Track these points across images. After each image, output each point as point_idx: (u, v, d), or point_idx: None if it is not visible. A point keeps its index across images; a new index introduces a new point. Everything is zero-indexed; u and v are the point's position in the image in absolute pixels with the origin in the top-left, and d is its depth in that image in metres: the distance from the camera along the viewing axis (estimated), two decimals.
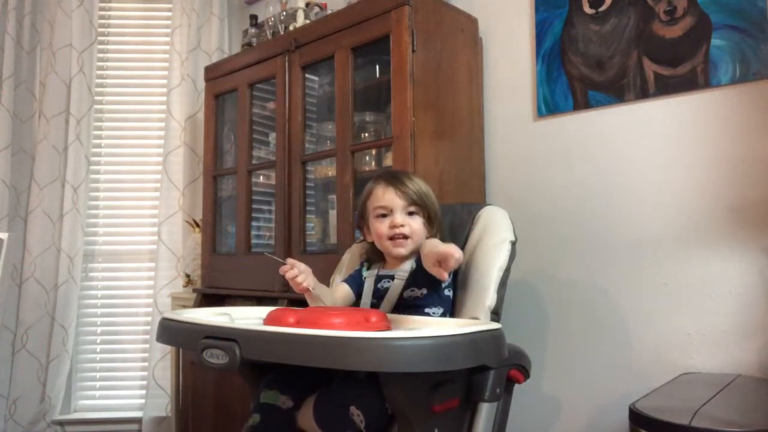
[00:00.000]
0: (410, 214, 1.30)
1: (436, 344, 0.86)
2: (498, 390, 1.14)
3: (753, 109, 1.46)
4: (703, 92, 1.54)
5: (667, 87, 1.59)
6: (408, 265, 1.32)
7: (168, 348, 2.57)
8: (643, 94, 1.63)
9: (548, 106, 1.82)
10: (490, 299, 1.26)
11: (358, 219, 1.42)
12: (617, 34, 1.68)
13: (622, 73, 1.67)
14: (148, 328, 2.69)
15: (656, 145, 1.61)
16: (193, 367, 2.35)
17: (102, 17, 2.84)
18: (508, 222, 1.37)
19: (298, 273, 1.20)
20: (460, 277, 1.33)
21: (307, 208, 2.05)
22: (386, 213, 1.30)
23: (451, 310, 1.31)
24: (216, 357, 0.91)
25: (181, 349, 2.41)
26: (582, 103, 1.75)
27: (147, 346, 2.67)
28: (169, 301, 2.60)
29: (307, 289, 1.21)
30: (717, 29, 1.51)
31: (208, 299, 2.33)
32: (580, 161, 1.75)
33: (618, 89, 1.68)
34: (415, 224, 1.30)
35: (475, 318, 1.24)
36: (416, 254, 1.32)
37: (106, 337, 2.80)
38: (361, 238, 1.47)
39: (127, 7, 2.90)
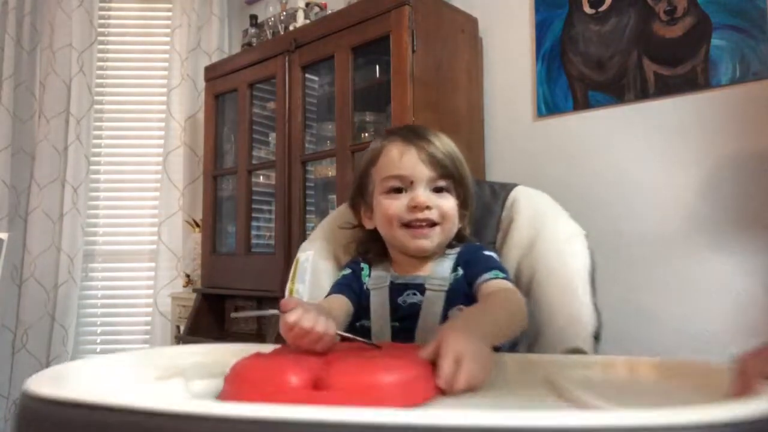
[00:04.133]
0: (438, 190, 0.90)
1: None
2: None
3: (753, 109, 1.46)
4: (703, 92, 1.53)
5: (667, 87, 1.59)
6: (445, 267, 0.91)
7: None
8: (643, 94, 1.63)
9: (548, 106, 1.82)
10: (592, 320, 0.90)
11: (353, 194, 0.98)
12: (617, 34, 1.68)
13: (622, 73, 1.67)
14: (148, 328, 2.69)
15: (656, 145, 1.61)
16: None
17: (102, 17, 2.83)
18: (559, 207, 1.05)
19: (311, 319, 0.64)
20: (524, 290, 0.94)
21: (307, 208, 2.05)
22: (402, 187, 0.89)
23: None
24: None
25: None
26: (582, 103, 1.75)
27: (147, 346, 2.67)
28: (169, 301, 2.60)
29: (332, 341, 0.67)
30: (717, 29, 1.51)
31: (208, 299, 2.33)
32: (580, 161, 1.75)
33: (618, 89, 1.68)
34: (447, 205, 0.89)
35: (578, 350, 0.89)
36: (454, 251, 0.93)
37: (106, 337, 2.79)
38: (353, 222, 1.02)
39: (127, 7, 2.90)
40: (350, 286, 0.93)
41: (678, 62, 1.57)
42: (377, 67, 1.93)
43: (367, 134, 1.96)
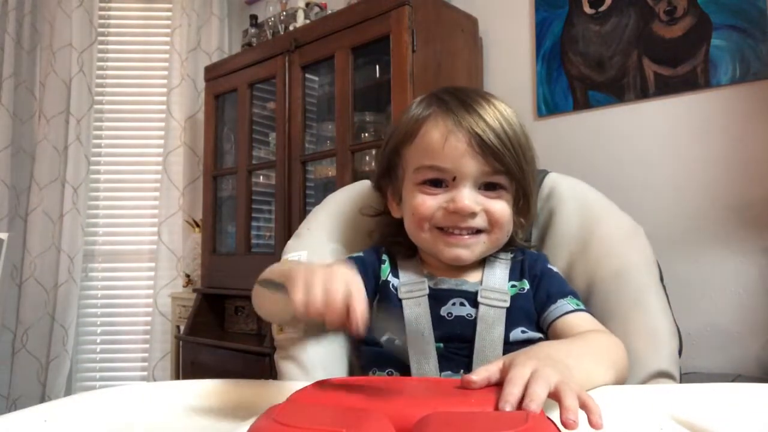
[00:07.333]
0: (490, 186, 0.70)
1: None
2: None
3: (753, 109, 1.46)
4: (703, 92, 1.53)
5: (667, 87, 1.59)
6: (500, 275, 0.73)
7: (168, 348, 2.57)
8: (643, 94, 1.63)
9: (548, 106, 1.82)
10: (674, 336, 0.75)
11: (379, 175, 0.79)
12: (617, 34, 1.68)
13: (622, 73, 1.67)
14: (148, 328, 2.68)
15: (656, 145, 1.61)
16: (193, 367, 2.34)
17: (102, 17, 2.83)
18: (605, 197, 0.87)
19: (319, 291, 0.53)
20: (583, 297, 0.75)
21: (307, 208, 2.05)
22: (442, 179, 0.69)
23: None
24: None
25: (181, 349, 2.41)
26: (582, 103, 1.75)
27: (147, 346, 2.67)
28: (169, 301, 2.60)
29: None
30: (717, 29, 1.51)
31: (208, 299, 2.34)
32: (579, 161, 1.75)
33: (618, 89, 1.68)
34: (499, 210, 0.70)
35: (664, 373, 0.71)
36: (507, 256, 0.76)
37: (106, 337, 2.79)
38: (375, 208, 0.82)
39: (127, 7, 2.90)
40: (363, 273, 0.68)
41: (678, 62, 1.57)
42: (377, 67, 1.93)
43: (367, 134, 1.96)
